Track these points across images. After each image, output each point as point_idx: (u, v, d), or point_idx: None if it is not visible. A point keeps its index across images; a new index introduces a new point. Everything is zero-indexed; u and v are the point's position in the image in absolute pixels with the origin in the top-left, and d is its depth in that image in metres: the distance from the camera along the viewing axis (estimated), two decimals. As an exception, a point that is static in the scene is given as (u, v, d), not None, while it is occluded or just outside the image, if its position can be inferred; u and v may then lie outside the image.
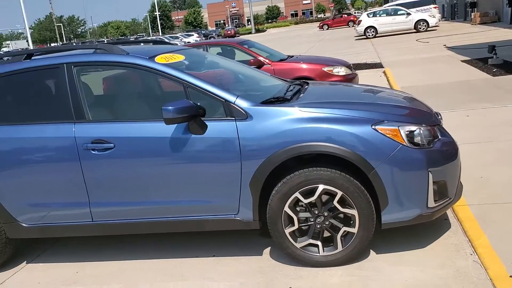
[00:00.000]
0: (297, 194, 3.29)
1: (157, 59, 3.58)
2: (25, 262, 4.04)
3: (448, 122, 5.14)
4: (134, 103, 3.83)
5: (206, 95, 3.41)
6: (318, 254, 3.36)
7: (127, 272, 3.67)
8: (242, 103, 3.37)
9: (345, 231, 3.31)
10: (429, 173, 3.22)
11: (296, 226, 3.36)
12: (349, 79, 8.77)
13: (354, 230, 3.29)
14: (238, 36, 48.62)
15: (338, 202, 3.28)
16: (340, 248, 3.34)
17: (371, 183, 3.20)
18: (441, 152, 3.36)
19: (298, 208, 3.34)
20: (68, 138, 3.52)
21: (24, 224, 3.73)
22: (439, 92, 8.96)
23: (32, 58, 3.84)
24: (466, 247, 3.43)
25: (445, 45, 16.87)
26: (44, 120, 3.62)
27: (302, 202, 3.31)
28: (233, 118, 3.34)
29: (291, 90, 3.94)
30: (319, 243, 3.36)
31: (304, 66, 8.82)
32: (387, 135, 3.21)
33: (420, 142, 3.28)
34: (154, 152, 3.41)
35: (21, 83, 3.73)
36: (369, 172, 3.19)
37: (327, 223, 3.32)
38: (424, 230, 3.73)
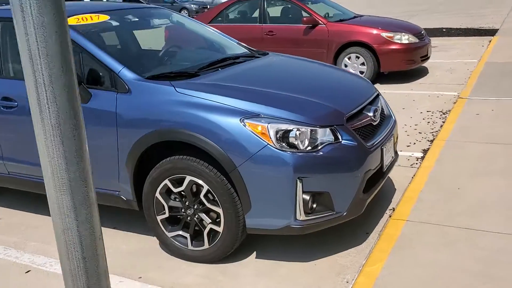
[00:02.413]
0: (166, 182, 3.05)
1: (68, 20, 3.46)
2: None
3: None
4: None
5: (97, 63, 3.23)
6: (187, 247, 3.13)
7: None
8: (126, 75, 3.15)
9: (211, 228, 3.02)
10: (298, 181, 2.75)
11: (167, 214, 3.14)
12: (412, 48, 7.81)
13: (220, 229, 2.98)
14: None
15: (204, 196, 2.97)
16: (206, 245, 3.06)
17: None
18: (328, 158, 2.83)
19: (172, 196, 3.11)
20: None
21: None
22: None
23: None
24: (350, 272, 2.93)
25: None
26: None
27: (172, 190, 3.06)
28: (116, 90, 3.15)
29: (220, 64, 3.58)
30: (187, 235, 3.11)
31: (361, 29, 8.01)
32: (254, 131, 2.78)
33: (296, 144, 2.79)
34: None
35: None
36: (230, 170, 2.82)
37: (196, 216, 3.05)
38: (329, 242, 3.27)
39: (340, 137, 2.93)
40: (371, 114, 3.24)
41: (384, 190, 3.97)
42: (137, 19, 4.01)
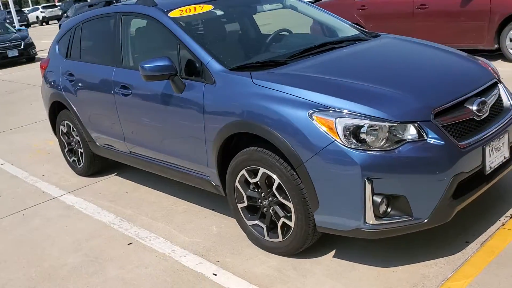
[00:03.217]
0: (244, 172, 3.08)
1: (171, 13, 3.65)
2: (115, 174, 5.00)
3: None
4: (150, 54, 3.93)
5: (190, 54, 3.37)
6: (264, 238, 3.14)
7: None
8: (213, 66, 3.22)
9: (284, 222, 2.97)
10: (367, 182, 2.52)
11: (246, 203, 3.18)
12: None
13: (292, 224, 2.92)
14: None
15: (277, 189, 2.93)
16: (280, 238, 3.03)
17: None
18: (406, 158, 2.53)
19: (251, 186, 3.13)
20: (108, 81, 4.08)
21: (98, 143, 4.61)
22: None
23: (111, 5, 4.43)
24: (429, 285, 2.62)
25: None
26: (100, 61, 4.26)
27: (249, 180, 3.09)
28: (204, 81, 3.26)
29: (317, 49, 3.43)
30: (264, 226, 3.11)
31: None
32: (321, 126, 2.62)
33: (367, 141, 2.55)
34: (152, 101, 3.66)
35: (95, 27, 4.42)
36: (297, 166, 2.72)
37: (271, 208, 3.03)
38: (419, 247, 2.97)
39: (425, 134, 2.59)
40: (474, 107, 2.79)
41: (504, 193, 3.42)
42: (243, 6, 4.05)
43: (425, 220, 2.61)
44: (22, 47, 16.24)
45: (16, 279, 3.32)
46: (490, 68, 3.28)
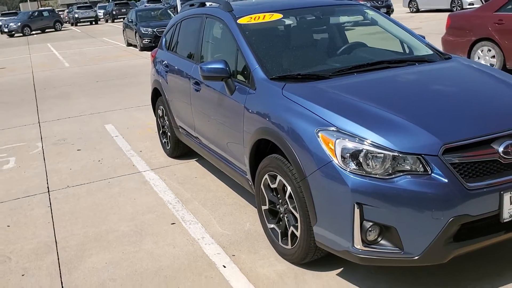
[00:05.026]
0: (266, 176, 3.25)
1: (241, 19, 3.90)
2: (195, 160, 5.46)
3: None
4: (219, 56, 4.21)
5: (244, 60, 3.60)
6: (278, 242, 3.27)
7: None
8: (257, 74, 3.42)
9: (292, 230, 3.07)
10: (356, 207, 2.52)
11: (267, 206, 3.34)
12: None
13: (298, 233, 3.01)
14: None
15: (289, 198, 3.05)
16: (289, 245, 3.14)
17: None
18: (401, 190, 2.47)
19: (272, 191, 3.28)
20: (188, 75, 4.50)
21: (180, 130, 5.09)
22: None
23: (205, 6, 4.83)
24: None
25: None
26: (186, 56, 4.70)
27: (270, 185, 3.24)
28: (249, 86, 3.47)
29: (370, 67, 3.43)
30: (279, 231, 3.25)
31: None
32: (324, 144, 2.67)
33: (364, 167, 2.54)
34: (212, 98, 3.98)
35: (189, 25, 4.87)
36: (301, 178, 2.81)
37: (286, 215, 3.15)
38: (424, 286, 2.85)
39: (429, 169, 2.49)
40: (500, 149, 2.57)
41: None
42: (314, 17, 4.14)
43: (416, 257, 2.52)
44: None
45: (77, 234, 3.92)
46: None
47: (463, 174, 2.51)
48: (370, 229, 2.55)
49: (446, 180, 2.46)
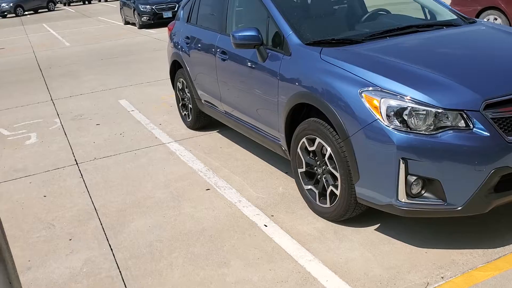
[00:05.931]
0: (304, 140, 3.37)
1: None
2: (217, 131, 5.58)
3: None
4: (247, 25, 4.28)
5: (276, 27, 3.68)
6: (315, 202, 3.42)
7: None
8: (292, 40, 3.51)
9: (332, 190, 3.21)
10: (401, 162, 2.65)
11: (304, 168, 3.47)
12: None
13: (337, 192, 3.15)
14: None
15: (328, 159, 3.18)
16: (328, 204, 3.28)
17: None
18: (445, 145, 2.60)
19: (310, 154, 3.41)
20: (213, 46, 4.58)
21: (203, 101, 5.19)
22: None
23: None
24: (454, 270, 2.70)
25: None
26: (210, 27, 4.77)
27: (308, 148, 3.37)
28: (283, 52, 3.57)
29: (398, 31, 3.53)
30: (316, 191, 3.39)
31: None
32: (369, 104, 2.79)
33: (409, 124, 2.67)
34: (241, 67, 4.07)
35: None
36: (344, 139, 2.93)
37: (324, 176, 3.29)
38: (463, 235, 3.02)
39: (471, 124, 2.63)
40: (537, 103, 2.71)
41: None
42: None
43: (459, 208, 2.67)
44: (176, 9, 17.77)
45: (115, 202, 4.05)
46: None
47: (503, 128, 2.65)
48: (414, 182, 2.70)
49: (487, 134, 2.60)
